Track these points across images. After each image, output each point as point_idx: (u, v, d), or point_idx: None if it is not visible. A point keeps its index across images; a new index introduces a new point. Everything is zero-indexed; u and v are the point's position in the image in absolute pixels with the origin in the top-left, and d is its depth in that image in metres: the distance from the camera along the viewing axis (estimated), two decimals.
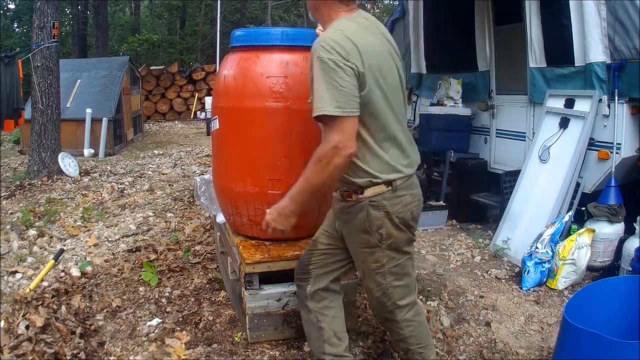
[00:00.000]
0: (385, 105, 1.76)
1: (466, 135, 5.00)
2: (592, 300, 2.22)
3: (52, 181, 5.91)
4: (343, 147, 1.65)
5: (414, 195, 1.85)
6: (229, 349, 2.44)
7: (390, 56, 1.82)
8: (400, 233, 1.83)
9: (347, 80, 1.64)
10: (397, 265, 1.87)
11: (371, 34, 1.78)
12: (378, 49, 1.76)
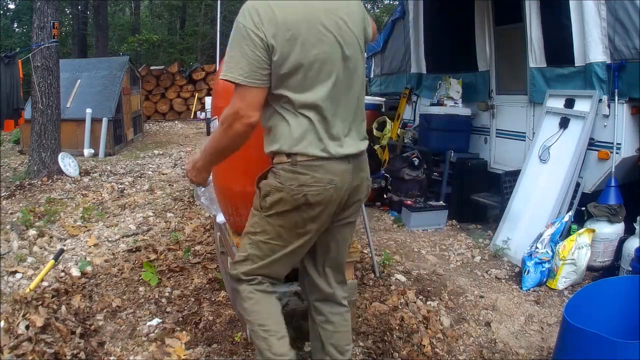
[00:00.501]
0: (302, 80, 1.65)
1: (466, 135, 5.00)
2: (592, 300, 2.22)
3: (52, 181, 5.91)
4: (243, 115, 1.62)
5: (317, 179, 1.70)
6: (229, 349, 2.44)
7: (324, 29, 1.65)
8: (285, 211, 1.73)
9: (253, 50, 1.59)
10: (267, 244, 1.79)
11: (306, 5, 1.65)
12: (306, 19, 1.63)
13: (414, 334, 2.58)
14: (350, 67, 1.73)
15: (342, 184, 1.74)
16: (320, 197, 1.72)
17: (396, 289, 3.08)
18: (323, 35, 1.65)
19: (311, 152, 1.69)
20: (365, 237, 3.58)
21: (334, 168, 1.72)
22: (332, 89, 1.69)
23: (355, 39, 1.72)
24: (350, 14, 1.71)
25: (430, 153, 5.04)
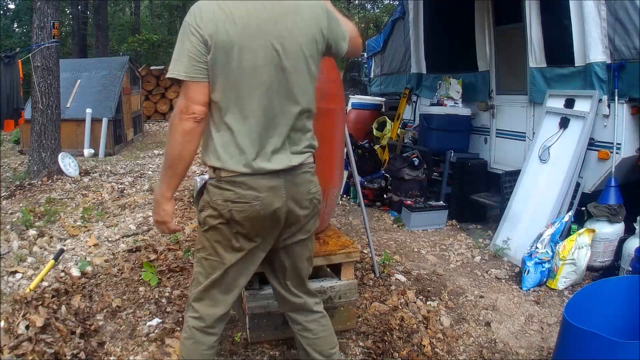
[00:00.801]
0: (229, 89, 1.58)
1: (466, 135, 5.00)
2: (592, 300, 2.22)
3: (52, 181, 5.91)
4: (186, 111, 1.58)
5: (241, 196, 1.62)
6: (229, 349, 2.44)
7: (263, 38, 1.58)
8: (218, 226, 1.67)
9: (194, 45, 1.56)
10: (207, 260, 1.73)
11: (254, 9, 1.58)
12: (246, 24, 1.57)
13: (414, 334, 2.58)
14: (289, 79, 1.63)
15: (271, 200, 1.65)
16: (246, 214, 1.64)
17: (396, 289, 3.08)
18: (260, 44, 1.58)
19: (232, 168, 1.61)
20: (365, 237, 3.58)
21: (258, 184, 1.63)
22: (262, 100, 1.60)
23: (299, 50, 1.62)
24: (300, 24, 1.62)
25: (430, 153, 5.05)
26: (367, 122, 6.83)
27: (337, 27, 1.74)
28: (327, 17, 1.69)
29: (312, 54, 1.66)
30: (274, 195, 1.65)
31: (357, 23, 28.20)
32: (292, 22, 1.62)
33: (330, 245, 2.59)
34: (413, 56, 6.11)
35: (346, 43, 1.77)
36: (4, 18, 19.60)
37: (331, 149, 2.61)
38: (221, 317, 1.79)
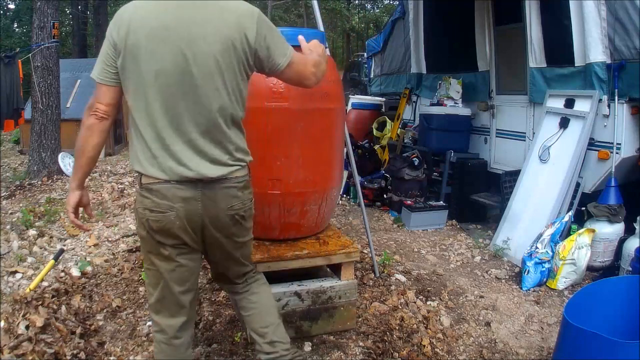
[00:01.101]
0: (138, 93, 1.59)
1: (466, 135, 5.00)
2: (592, 300, 2.22)
3: (52, 181, 5.91)
4: (90, 107, 1.66)
5: (156, 204, 1.61)
6: (229, 349, 2.44)
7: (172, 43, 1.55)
8: (144, 236, 1.68)
9: (106, 48, 1.61)
10: (150, 270, 1.75)
11: (178, 9, 1.58)
12: (160, 28, 1.56)
13: (414, 334, 2.58)
14: (198, 85, 1.58)
15: (187, 212, 1.62)
16: (161, 224, 1.62)
17: (396, 289, 3.08)
18: (168, 49, 1.55)
19: (149, 173, 1.61)
20: (365, 237, 3.58)
21: (172, 194, 1.60)
22: (167, 105, 1.58)
23: (211, 57, 1.58)
24: (215, 32, 1.58)
25: (430, 153, 5.05)
26: (367, 122, 6.83)
27: (274, 41, 1.68)
28: (258, 27, 1.63)
29: (228, 61, 1.60)
30: (188, 207, 1.62)
31: (357, 23, 28.25)
32: (207, 28, 1.58)
33: (330, 245, 2.59)
34: (413, 56, 6.11)
35: (285, 61, 1.71)
36: (4, 18, 19.60)
37: (331, 149, 2.61)
38: (183, 325, 1.79)
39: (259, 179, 2.47)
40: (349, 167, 3.64)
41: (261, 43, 1.65)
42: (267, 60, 1.69)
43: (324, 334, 2.53)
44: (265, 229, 2.58)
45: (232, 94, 1.65)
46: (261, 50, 1.66)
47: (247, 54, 1.64)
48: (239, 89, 1.67)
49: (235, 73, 1.63)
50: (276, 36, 1.70)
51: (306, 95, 2.43)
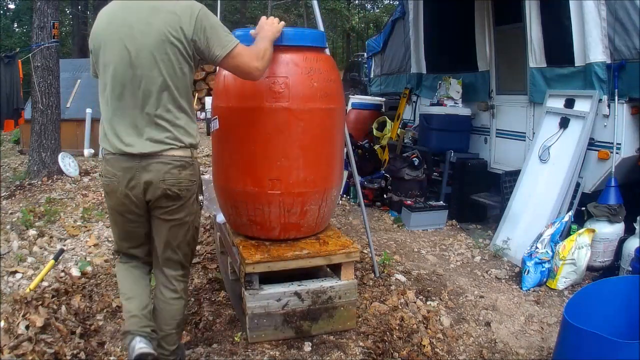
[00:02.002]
0: (100, 83, 1.95)
1: (466, 135, 5.00)
2: (592, 300, 2.23)
3: (52, 181, 5.91)
4: None
5: (107, 172, 1.96)
6: (229, 349, 2.44)
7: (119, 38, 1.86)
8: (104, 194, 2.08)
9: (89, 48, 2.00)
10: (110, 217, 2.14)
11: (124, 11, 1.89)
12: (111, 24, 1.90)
13: (414, 334, 2.58)
14: (139, 75, 1.85)
15: (124, 180, 1.91)
16: (108, 189, 1.98)
17: (396, 289, 3.08)
18: (116, 44, 1.87)
19: (103, 146, 1.97)
20: (365, 237, 3.58)
21: (116, 164, 1.91)
22: (116, 92, 1.88)
23: (149, 51, 1.84)
24: (153, 27, 1.84)
25: (430, 153, 5.05)
26: (367, 122, 6.83)
27: (213, 34, 1.90)
28: (196, 22, 1.86)
29: (163, 53, 1.85)
30: (127, 174, 1.91)
31: (357, 23, 28.25)
32: (145, 26, 1.85)
33: (330, 245, 2.59)
34: (413, 56, 6.11)
35: (223, 53, 1.93)
36: (4, 18, 19.62)
37: (331, 149, 2.61)
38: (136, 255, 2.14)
39: (259, 179, 2.48)
40: (349, 167, 3.64)
41: (199, 35, 1.89)
42: (206, 51, 1.92)
43: (324, 334, 2.53)
44: (265, 229, 2.58)
45: (169, 82, 1.88)
46: (199, 42, 1.90)
47: (184, 45, 1.88)
48: (177, 77, 1.89)
49: (172, 63, 1.87)
50: (216, 30, 1.92)
51: (306, 95, 2.43)
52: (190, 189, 1.98)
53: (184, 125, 1.93)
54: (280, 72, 2.40)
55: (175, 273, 2.11)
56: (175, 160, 1.91)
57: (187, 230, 2.06)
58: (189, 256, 2.15)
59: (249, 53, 2.01)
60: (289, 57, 2.43)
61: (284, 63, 2.42)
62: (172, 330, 2.12)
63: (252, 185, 2.49)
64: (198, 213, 2.10)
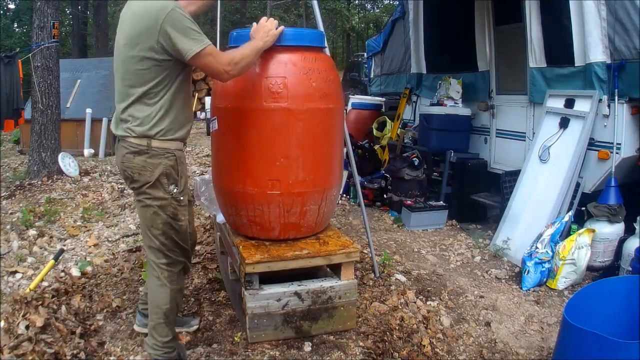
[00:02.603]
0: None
1: (466, 135, 5.00)
2: (592, 300, 2.22)
3: (52, 181, 5.91)
4: None
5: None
6: (229, 349, 2.44)
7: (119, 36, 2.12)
8: None
9: None
10: None
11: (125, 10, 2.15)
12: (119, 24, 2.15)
13: (414, 334, 2.58)
14: (123, 69, 2.09)
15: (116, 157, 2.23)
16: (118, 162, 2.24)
17: (396, 289, 3.08)
18: (117, 40, 2.14)
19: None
20: (365, 237, 3.58)
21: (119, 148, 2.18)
22: (116, 81, 2.15)
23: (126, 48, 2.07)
24: (130, 28, 2.06)
25: (430, 153, 5.05)
26: (367, 122, 6.83)
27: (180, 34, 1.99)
28: (164, 22, 1.97)
29: (130, 51, 2.05)
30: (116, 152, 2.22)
31: (357, 23, 28.25)
32: (126, 24, 2.09)
33: (330, 245, 2.59)
34: (413, 56, 6.11)
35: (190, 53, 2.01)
36: (4, 18, 19.62)
37: (331, 149, 2.61)
38: None
39: (259, 179, 2.48)
40: (349, 167, 3.64)
41: (165, 36, 1.99)
42: (172, 50, 2.02)
43: (324, 334, 2.53)
44: (265, 229, 2.58)
45: (132, 77, 2.07)
46: (165, 42, 2.00)
47: (152, 44, 2.01)
48: (139, 74, 2.05)
49: (135, 60, 2.04)
50: (183, 31, 2.00)
51: (306, 95, 2.43)
52: (143, 174, 2.10)
53: (139, 115, 2.09)
54: (278, 72, 2.40)
55: (157, 260, 2.20)
56: (132, 147, 2.10)
57: (155, 215, 2.13)
58: (168, 246, 2.19)
59: (220, 56, 2.12)
60: (288, 57, 2.43)
61: (283, 63, 2.42)
62: (160, 320, 2.19)
63: (252, 185, 2.49)
64: (169, 203, 2.14)
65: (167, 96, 2.09)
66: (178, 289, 2.26)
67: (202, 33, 2.06)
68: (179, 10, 2.00)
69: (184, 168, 2.20)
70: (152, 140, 2.09)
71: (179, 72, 2.11)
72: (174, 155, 2.13)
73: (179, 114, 2.14)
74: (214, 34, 14.27)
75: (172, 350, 2.22)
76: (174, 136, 2.13)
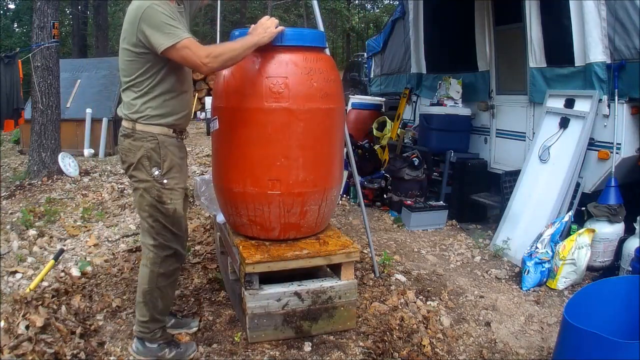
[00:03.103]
0: None
1: (466, 135, 5.00)
2: (592, 300, 2.22)
3: (52, 181, 5.91)
4: None
5: None
6: (229, 349, 2.44)
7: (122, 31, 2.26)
8: None
9: None
10: None
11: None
12: None
13: (414, 334, 2.58)
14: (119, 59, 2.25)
15: None
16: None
17: (396, 289, 3.08)
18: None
19: None
20: (365, 237, 3.58)
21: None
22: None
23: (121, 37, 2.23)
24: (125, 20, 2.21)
25: (430, 153, 5.04)
26: (367, 122, 6.83)
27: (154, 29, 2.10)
28: (140, 19, 2.10)
29: (123, 44, 2.21)
30: None
31: (357, 23, 28.24)
32: (124, 21, 2.23)
33: (330, 245, 2.59)
34: (413, 56, 6.11)
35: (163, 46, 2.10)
36: (4, 18, 19.62)
37: (331, 149, 2.61)
38: None
39: (259, 179, 2.48)
40: (349, 167, 3.64)
41: (142, 31, 2.11)
42: (148, 44, 2.13)
43: (324, 334, 2.54)
44: (265, 229, 2.58)
45: (124, 68, 2.23)
46: (142, 38, 2.13)
47: (133, 39, 2.15)
48: (127, 65, 2.21)
49: (124, 53, 2.21)
50: (157, 26, 2.10)
51: (306, 95, 2.43)
52: (128, 155, 2.24)
53: (132, 102, 2.23)
54: (280, 72, 2.40)
55: (146, 241, 2.32)
56: (124, 130, 2.27)
57: (142, 198, 2.25)
58: (155, 229, 2.27)
59: (199, 49, 2.18)
60: (289, 57, 2.43)
61: (284, 63, 2.42)
62: (139, 299, 2.33)
63: (252, 185, 2.49)
64: (152, 185, 2.23)
65: (151, 85, 2.21)
66: (161, 273, 2.31)
67: (179, 28, 2.14)
68: (156, 7, 2.10)
69: (169, 153, 2.26)
70: (136, 124, 2.23)
71: (163, 64, 2.20)
72: (156, 139, 2.23)
73: (166, 102, 2.24)
74: (214, 33, 14.28)
75: (148, 331, 2.32)
76: (160, 122, 2.24)
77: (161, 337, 2.36)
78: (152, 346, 2.34)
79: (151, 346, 2.34)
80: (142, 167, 2.23)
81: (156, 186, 2.24)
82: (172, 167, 2.27)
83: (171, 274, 2.37)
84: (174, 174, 2.29)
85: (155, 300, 2.32)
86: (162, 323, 2.38)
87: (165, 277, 2.34)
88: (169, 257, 2.32)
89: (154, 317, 2.33)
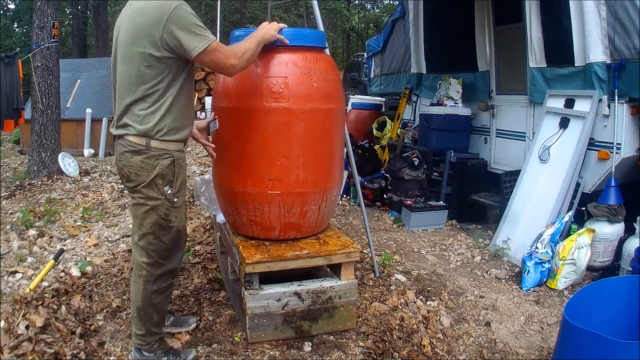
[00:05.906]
0: None
1: (466, 135, 5.00)
2: (592, 300, 2.22)
3: (52, 181, 5.91)
4: None
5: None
6: (229, 349, 2.44)
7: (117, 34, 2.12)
8: None
9: None
10: None
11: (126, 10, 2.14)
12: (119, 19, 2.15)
13: (414, 334, 2.58)
14: (118, 67, 2.09)
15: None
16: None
17: (396, 289, 3.08)
18: (114, 40, 2.13)
19: None
20: (365, 237, 3.58)
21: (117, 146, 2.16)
22: (113, 77, 2.14)
23: (123, 47, 2.06)
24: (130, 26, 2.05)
25: (430, 153, 5.05)
26: (367, 122, 6.83)
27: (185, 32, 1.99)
28: (168, 21, 1.97)
29: (133, 50, 2.02)
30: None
31: (357, 23, 28.23)
32: (126, 23, 2.07)
33: (330, 245, 2.59)
34: (413, 56, 6.11)
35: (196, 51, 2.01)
36: (4, 18, 19.60)
37: (331, 149, 2.61)
38: None
39: (259, 179, 2.48)
40: (349, 167, 3.64)
41: (171, 33, 1.98)
42: (178, 48, 2.01)
43: (324, 334, 2.54)
44: (266, 229, 2.58)
45: (131, 77, 2.04)
46: (170, 41, 2.00)
47: (155, 44, 1.99)
48: (143, 71, 2.02)
49: (137, 60, 2.02)
50: (188, 28, 2.00)
51: (306, 96, 2.43)
52: (140, 174, 2.08)
53: (144, 115, 2.06)
54: (280, 72, 2.40)
55: (139, 258, 2.20)
56: (130, 145, 2.08)
57: (146, 214, 2.12)
58: (153, 246, 2.16)
59: (226, 50, 2.11)
60: (289, 57, 2.43)
61: (284, 63, 2.42)
62: (134, 314, 2.25)
63: (252, 185, 2.49)
64: (162, 204, 2.12)
65: (169, 95, 2.06)
66: (154, 290, 2.20)
67: (207, 29, 2.05)
68: (185, 8, 2.00)
69: (182, 170, 2.17)
70: (152, 140, 2.06)
71: (181, 70, 2.08)
72: (172, 156, 2.10)
73: (181, 114, 2.12)
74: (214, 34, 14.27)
75: (145, 343, 2.27)
76: (174, 137, 2.10)
77: (159, 347, 2.30)
78: (150, 355, 2.28)
79: (149, 355, 2.29)
80: (155, 186, 2.09)
81: (166, 204, 2.13)
82: (182, 184, 2.18)
83: (165, 289, 2.28)
84: (183, 190, 2.20)
85: (150, 315, 2.24)
86: (160, 335, 2.31)
87: (159, 292, 2.24)
88: (163, 274, 2.22)
89: (150, 331, 2.26)
